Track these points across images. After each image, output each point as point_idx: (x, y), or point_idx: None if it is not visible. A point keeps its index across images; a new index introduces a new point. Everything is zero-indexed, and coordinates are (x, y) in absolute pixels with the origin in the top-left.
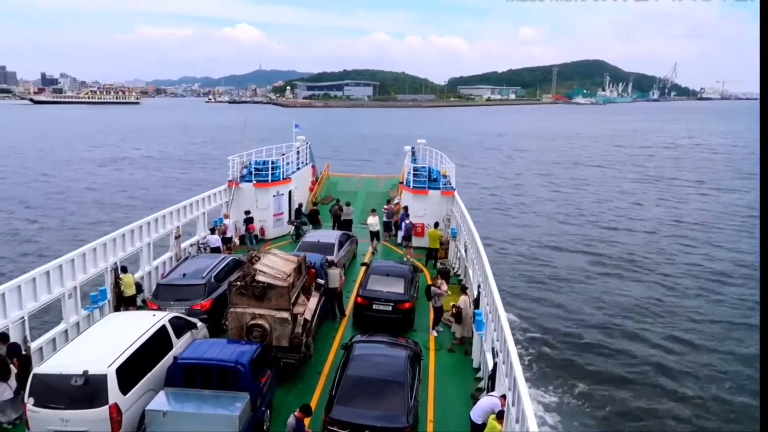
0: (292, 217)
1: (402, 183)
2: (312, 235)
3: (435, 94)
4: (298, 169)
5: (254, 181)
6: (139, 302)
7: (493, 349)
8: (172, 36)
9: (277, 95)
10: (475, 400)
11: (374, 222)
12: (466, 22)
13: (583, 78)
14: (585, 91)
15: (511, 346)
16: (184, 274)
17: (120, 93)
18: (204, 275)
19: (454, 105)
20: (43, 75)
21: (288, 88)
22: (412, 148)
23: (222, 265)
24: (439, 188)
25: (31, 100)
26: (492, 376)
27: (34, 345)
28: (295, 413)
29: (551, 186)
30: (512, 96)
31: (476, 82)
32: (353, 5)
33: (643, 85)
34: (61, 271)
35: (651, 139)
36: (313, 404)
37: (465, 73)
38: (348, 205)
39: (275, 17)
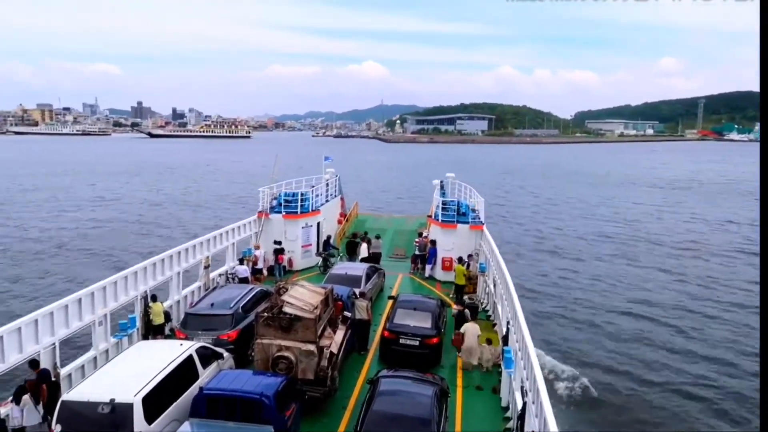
0: (320, 249)
1: (431, 217)
2: (340, 267)
3: (558, 128)
4: (327, 201)
5: (283, 213)
6: (167, 331)
7: (522, 387)
8: (301, 73)
9: (388, 129)
10: None
11: (363, 249)
12: (599, 54)
13: (733, 111)
14: (738, 126)
15: (541, 385)
16: (212, 304)
17: (233, 127)
18: (232, 305)
19: (581, 141)
20: (173, 110)
21: (398, 122)
22: (441, 181)
23: (250, 296)
24: (468, 222)
25: (149, 134)
26: (521, 416)
27: (63, 371)
28: None
29: None
30: (649, 131)
31: (606, 116)
32: (480, 41)
33: None
34: (93, 298)
35: None
36: None
37: (594, 106)
38: (378, 238)
39: (401, 54)
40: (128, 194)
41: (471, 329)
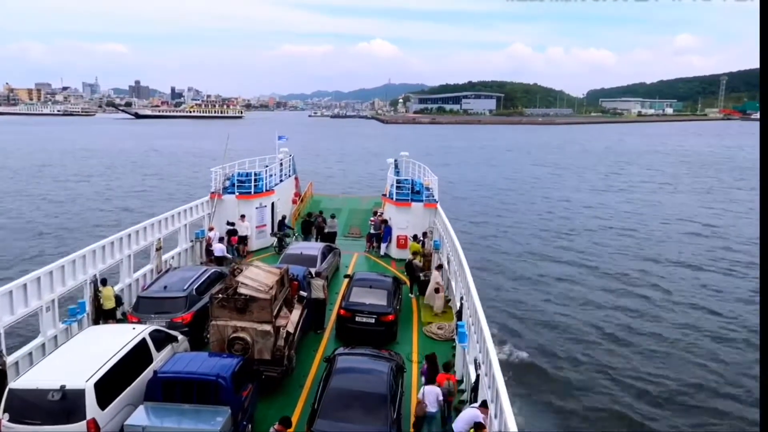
0: (275, 229)
1: (385, 195)
2: (295, 247)
3: (572, 107)
4: (281, 180)
5: (237, 193)
6: (119, 315)
7: (475, 360)
8: (312, 52)
9: (390, 109)
10: (457, 412)
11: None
12: (615, 32)
13: (754, 88)
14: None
15: (493, 357)
16: (165, 287)
17: (224, 107)
18: (185, 288)
19: (597, 121)
20: (172, 89)
21: (400, 101)
22: (395, 160)
23: (204, 278)
24: (422, 200)
25: (135, 114)
26: (475, 388)
27: (9, 359)
28: (275, 426)
29: None
30: (669, 110)
31: (620, 94)
32: (495, 18)
33: None
34: (39, 283)
35: None
36: (295, 417)
37: (606, 85)
38: (333, 217)
39: (413, 33)
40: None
41: (433, 276)
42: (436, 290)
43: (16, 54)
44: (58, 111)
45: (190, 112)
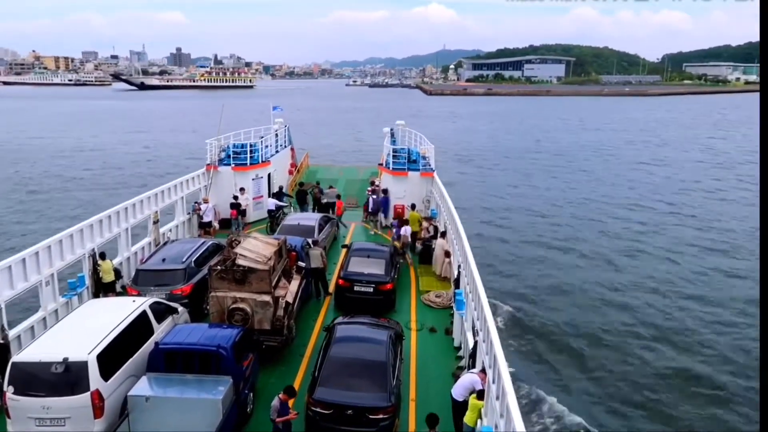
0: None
1: (381, 165)
2: (292, 218)
3: (661, 75)
4: (277, 151)
5: (233, 165)
6: (118, 288)
7: (473, 327)
8: (366, 18)
9: (441, 76)
10: (456, 378)
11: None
12: None
13: None
14: None
15: (491, 324)
16: (163, 259)
17: (235, 75)
18: (184, 260)
19: (700, 91)
20: (215, 57)
21: (452, 67)
22: (391, 129)
23: (202, 250)
24: (418, 169)
25: (141, 84)
26: (473, 355)
27: (12, 333)
28: (280, 395)
29: None
30: None
31: (701, 58)
32: None
33: None
34: (38, 258)
35: None
36: (296, 386)
37: (684, 48)
38: (331, 187)
39: None
40: None
41: (440, 243)
42: (447, 254)
43: (78, 25)
44: (70, 80)
45: (201, 80)
